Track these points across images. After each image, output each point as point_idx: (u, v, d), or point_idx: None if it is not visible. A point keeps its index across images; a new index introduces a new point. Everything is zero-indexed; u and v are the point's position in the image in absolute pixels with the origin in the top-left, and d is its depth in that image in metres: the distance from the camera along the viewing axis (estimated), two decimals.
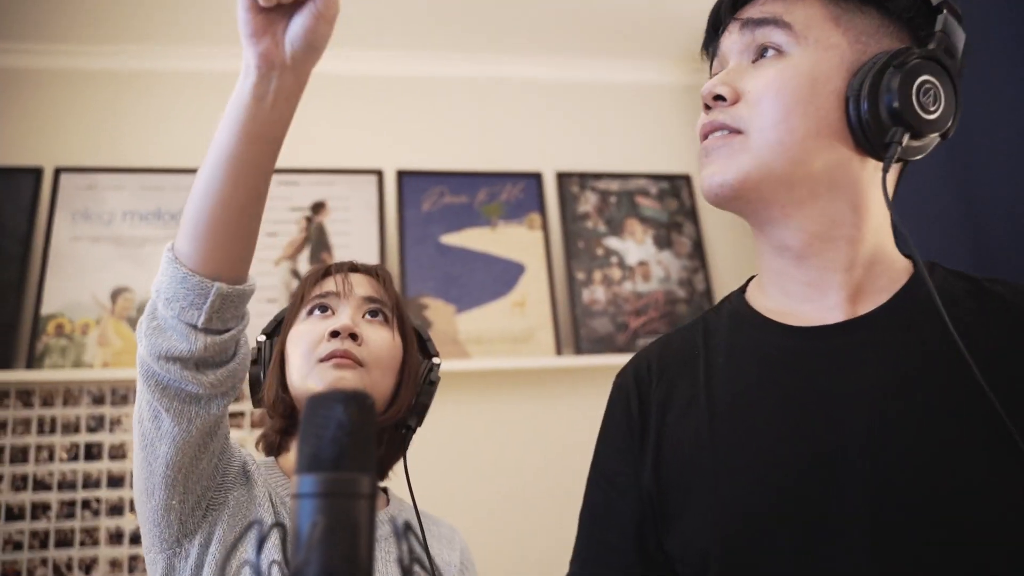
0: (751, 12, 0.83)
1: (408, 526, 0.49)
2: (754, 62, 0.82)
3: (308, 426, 0.46)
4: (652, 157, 2.93)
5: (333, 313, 1.09)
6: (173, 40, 2.72)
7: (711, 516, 0.78)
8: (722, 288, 2.79)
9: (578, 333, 2.61)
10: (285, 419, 1.10)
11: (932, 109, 0.76)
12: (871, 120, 0.76)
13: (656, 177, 2.88)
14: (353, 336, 1.04)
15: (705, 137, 0.84)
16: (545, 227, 2.74)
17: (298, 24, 0.77)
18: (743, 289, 0.91)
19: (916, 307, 0.78)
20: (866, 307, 0.80)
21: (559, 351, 2.58)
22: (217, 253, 0.85)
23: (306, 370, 1.04)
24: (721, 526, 0.77)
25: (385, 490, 1.17)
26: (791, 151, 0.78)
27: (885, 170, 0.75)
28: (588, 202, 2.79)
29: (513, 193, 2.76)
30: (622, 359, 2.55)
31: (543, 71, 2.96)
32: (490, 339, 2.57)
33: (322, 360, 1.03)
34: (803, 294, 0.82)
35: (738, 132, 0.80)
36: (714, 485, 0.78)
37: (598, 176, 2.84)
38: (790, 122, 0.77)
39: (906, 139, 0.75)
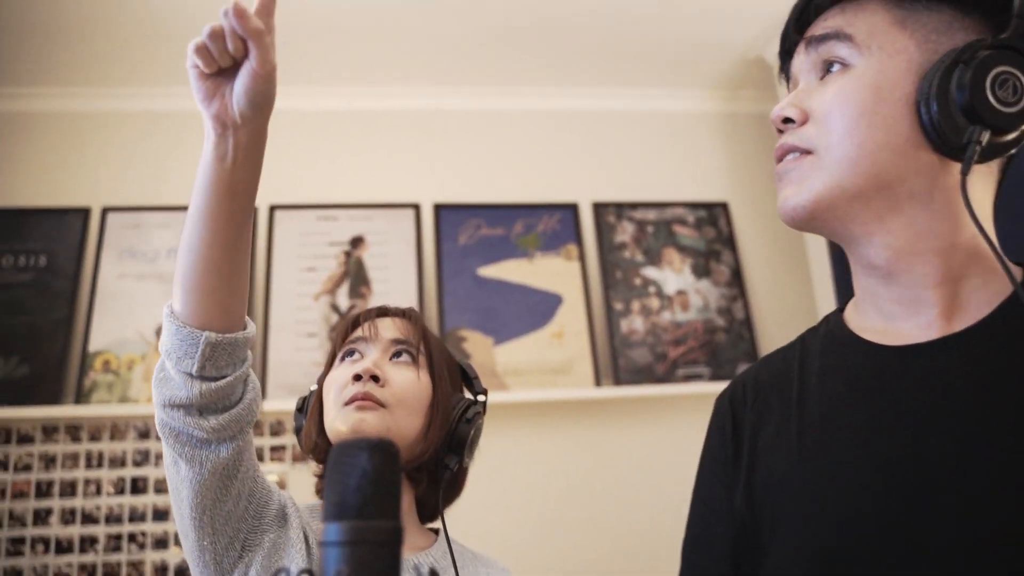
0: (814, 30, 0.81)
1: (434, 573, 0.49)
2: (821, 79, 0.80)
3: (333, 474, 0.47)
4: (689, 185, 2.92)
5: (362, 357, 1.10)
6: None
7: (799, 541, 0.76)
8: (762, 316, 2.76)
9: (617, 364, 2.60)
10: (323, 463, 1.12)
11: (1012, 101, 0.70)
12: (943, 121, 0.71)
13: (693, 205, 2.87)
14: (375, 378, 1.05)
15: (779, 161, 0.82)
16: (582, 258, 2.74)
17: (239, 84, 0.82)
18: (842, 308, 0.87)
19: (1018, 321, 0.73)
20: (963, 323, 0.75)
21: (598, 382, 2.57)
22: (203, 305, 0.89)
23: (334, 414, 1.06)
24: (809, 551, 0.75)
25: (436, 531, 1.16)
26: (861, 165, 0.75)
27: (964, 173, 0.71)
28: (625, 232, 2.79)
29: (550, 224, 2.77)
30: (662, 389, 2.56)
31: (577, 102, 2.98)
32: (528, 371, 2.57)
33: (346, 403, 1.04)
34: (896, 312, 0.78)
35: (808, 152, 0.78)
36: (802, 510, 0.76)
37: (635, 206, 2.84)
38: (856, 135, 0.75)
39: (986, 137, 0.70)
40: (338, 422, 1.05)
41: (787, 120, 0.80)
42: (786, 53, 0.87)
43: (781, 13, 2.71)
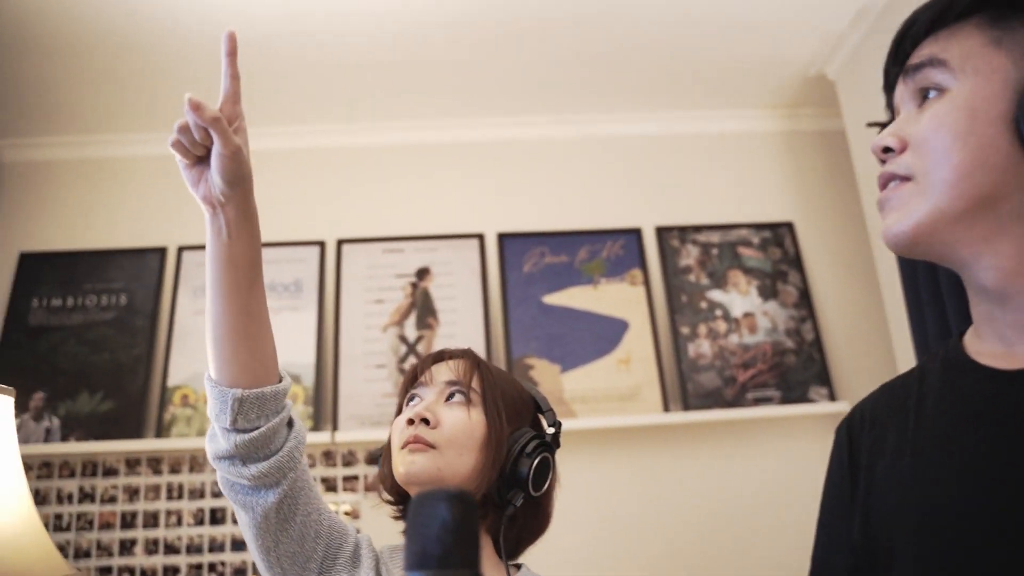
0: (912, 59, 0.81)
1: None
2: (920, 107, 0.80)
3: (413, 524, 0.49)
4: (752, 206, 2.90)
5: (421, 402, 1.14)
6: (276, 120, 2.87)
7: (905, 571, 0.76)
8: (832, 336, 2.71)
9: (685, 388, 2.58)
10: (396, 505, 1.17)
11: None
12: None
13: (758, 226, 2.84)
14: (426, 421, 1.08)
15: (882, 189, 0.82)
16: (647, 282, 2.73)
17: (212, 168, 0.91)
18: (963, 332, 0.86)
19: None
20: None
21: (666, 407, 2.55)
22: (228, 366, 0.97)
23: (395, 458, 1.10)
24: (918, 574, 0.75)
25: (518, 566, 1.17)
26: (959, 187, 0.74)
27: None
28: (689, 255, 2.77)
29: (613, 250, 2.77)
30: (731, 414, 2.53)
31: (638, 127, 2.98)
32: (595, 397, 2.56)
33: (402, 447, 1.08)
34: (1013, 336, 0.77)
35: (907, 179, 0.79)
36: (917, 544, 0.76)
37: (698, 228, 2.82)
38: (953, 158, 0.74)
39: None
40: (397, 465, 1.09)
41: (887, 149, 0.81)
42: (889, 87, 0.87)
43: (840, 29, 2.73)
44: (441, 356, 1.19)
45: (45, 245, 2.82)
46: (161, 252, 2.79)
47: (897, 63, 0.84)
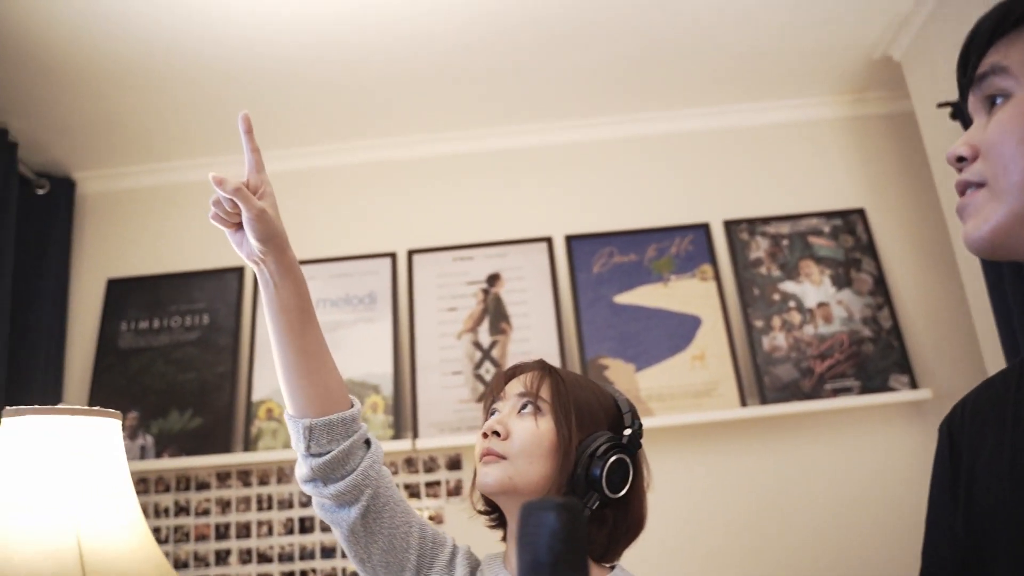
0: (978, 70, 0.82)
1: None
2: (989, 114, 0.81)
3: (523, 534, 0.51)
4: (821, 195, 2.86)
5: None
6: (344, 136, 2.93)
7: (1006, 564, 0.77)
8: (911, 323, 2.66)
9: (762, 382, 2.56)
10: (488, 514, 1.24)
11: None
12: None
13: (828, 215, 2.80)
14: (497, 433, 1.14)
15: (961, 196, 0.84)
16: (718, 277, 2.71)
17: (245, 230, 1.03)
18: None
19: None
20: None
21: (743, 402, 2.53)
22: (295, 398, 1.10)
23: (477, 470, 1.17)
24: (1018, 569, 0.76)
25: (612, 567, 1.19)
26: None
27: None
28: (759, 248, 2.75)
29: (682, 246, 2.76)
30: (810, 406, 2.50)
31: (701, 122, 2.97)
32: (672, 395, 2.56)
33: (479, 460, 1.15)
34: None
35: (982, 185, 0.80)
36: (1015, 540, 0.77)
37: (767, 220, 2.80)
38: (1020, 163, 0.76)
39: None
40: (476, 477, 1.17)
41: (960, 159, 0.82)
42: (963, 97, 0.88)
43: (905, 9, 2.67)
44: (515, 371, 1.23)
45: (130, 270, 2.93)
46: (239, 272, 2.88)
47: (966, 75, 0.85)
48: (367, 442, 1.16)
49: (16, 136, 2.68)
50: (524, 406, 1.16)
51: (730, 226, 2.79)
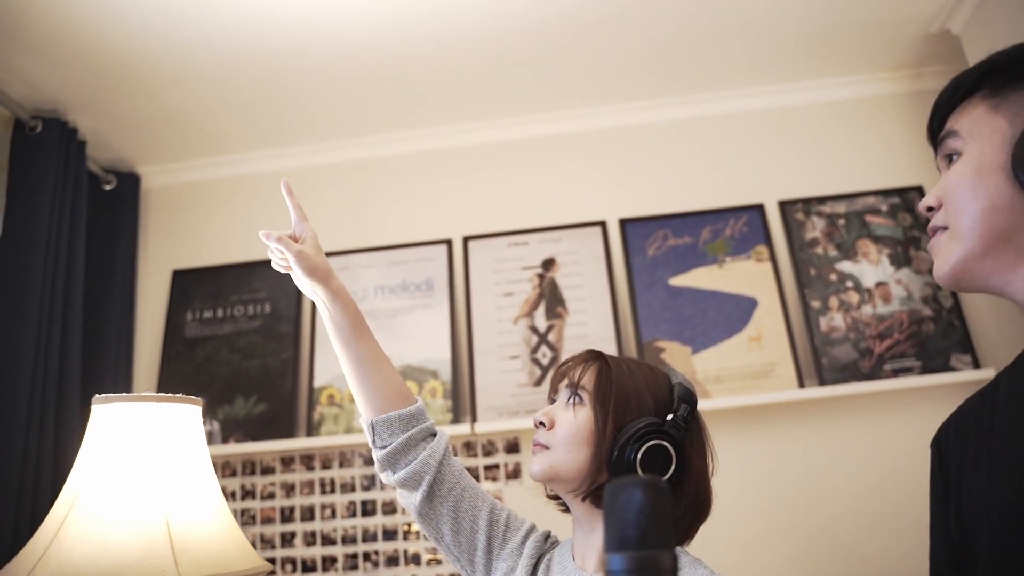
0: (939, 135, 1.00)
1: None
2: (948, 170, 0.97)
3: (611, 510, 0.53)
4: (878, 172, 2.82)
5: None
6: (398, 126, 2.97)
7: (987, 557, 0.88)
8: (972, 301, 2.62)
9: (820, 363, 2.55)
10: (556, 498, 1.30)
11: None
12: None
13: (885, 193, 2.76)
14: (543, 424, 1.22)
15: (931, 238, 0.99)
16: (773, 258, 2.70)
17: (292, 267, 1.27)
18: None
19: None
20: None
21: (801, 383, 2.52)
22: (359, 399, 1.31)
23: None
24: (993, 566, 0.87)
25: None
26: (979, 228, 0.90)
27: None
28: (815, 228, 2.72)
29: (737, 228, 2.75)
30: (869, 387, 2.48)
31: (754, 102, 2.95)
32: (729, 377, 2.56)
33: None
34: None
35: (945, 228, 0.95)
36: (992, 532, 0.88)
37: (822, 200, 2.77)
38: (971, 207, 0.91)
39: None
40: None
41: (930, 208, 0.99)
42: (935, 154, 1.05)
43: None
44: (567, 364, 1.28)
45: (194, 262, 3.02)
46: None
47: (932, 137, 1.03)
48: (434, 435, 1.32)
49: (84, 134, 2.76)
50: (569, 397, 1.21)
51: (785, 206, 2.77)
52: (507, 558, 1.28)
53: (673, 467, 1.13)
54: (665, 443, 1.13)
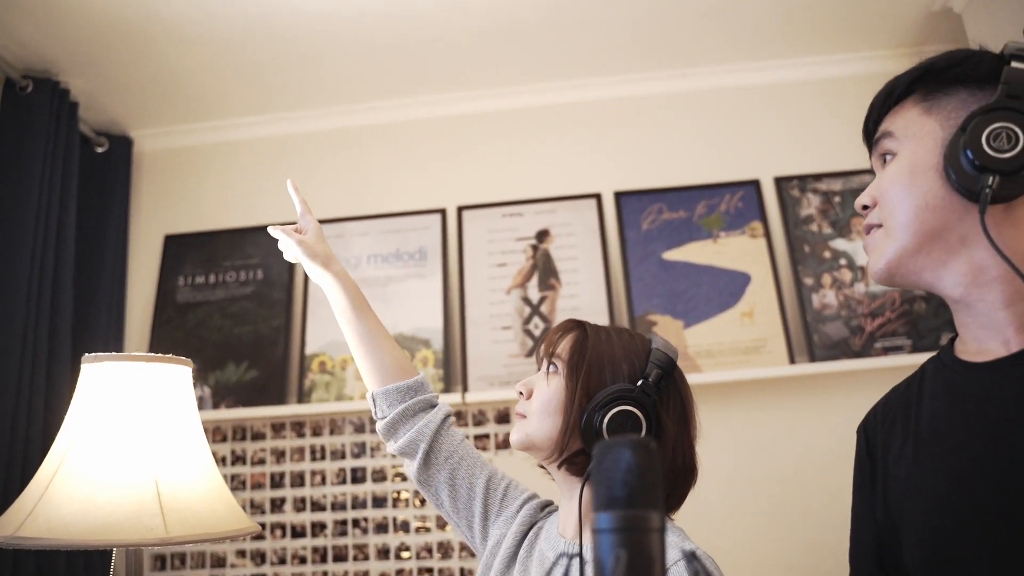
0: (875, 135, 1.04)
1: (694, 555, 0.55)
2: (883, 169, 1.01)
3: (599, 470, 0.53)
4: None
5: None
6: (394, 93, 2.95)
7: (917, 532, 0.94)
8: None
9: (811, 340, 2.55)
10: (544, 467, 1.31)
11: (1007, 148, 0.87)
12: (961, 177, 0.89)
13: None
14: (523, 394, 1.24)
15: (867, 235, 1.03)
16: (768, 234, 2.70)
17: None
18: (954, 338, 1.03)
19: None
20: None
21: (792, 359, 2.53)
22: (363, 372, 1.40)
23: None
24: (925, 538, 0.92)
25: None
26: (912, 226, 0.94)
27: (981, 212, 0.87)
28: (810, 205, 2.72)
29: (732, 203, 2.75)
30: (859, 364, 2.49)
31: (752, 77, 2.93)
32: (720, 351, 2.57)
33: None
34: (982, 335, 0.94)
35: (880, 226, 0.99)
36: (919, 506, 0.94)
37: (818, 177, 2.76)
38: (904, 205, 0.94)
39: (995, 180, 0.87)
40: None
41: (865, 207, 1.02)
42: (870, 155, 1.09)
43: None
44: (546, 334, 1.28)
45: (186, 227, 3.00)
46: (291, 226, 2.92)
47: (868, 137, 1.07)
48: (434, 407, 1.37)
49: (76, 95, 2.74)
50: (547, 367, 1.22)
51: (781, 183, 2.77)
52: (502, 525, 1.31)
53: (644, 433, 1.12)
54: (633, 408, 1.12)
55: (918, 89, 0.99)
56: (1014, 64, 0.90)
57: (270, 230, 1.43)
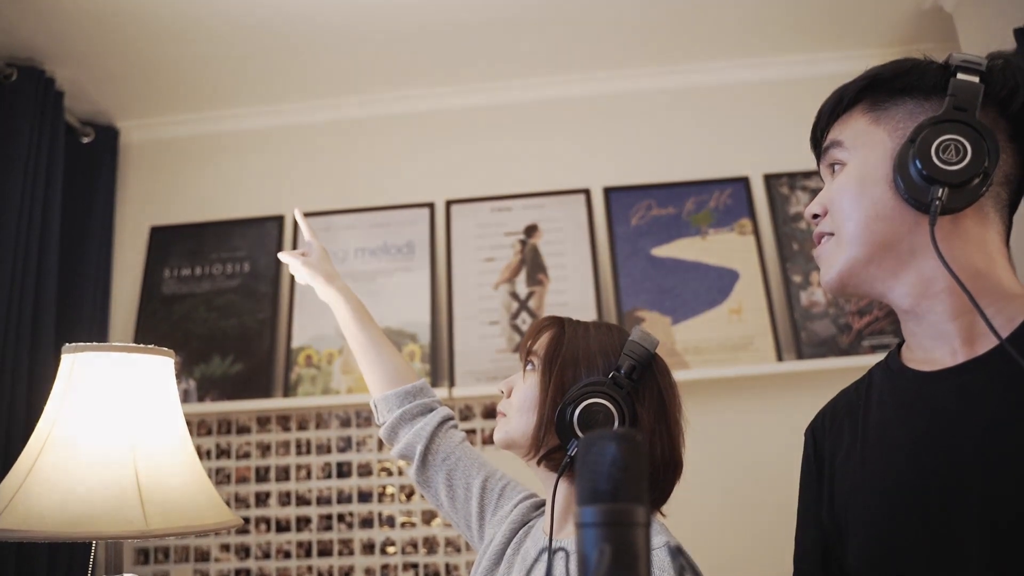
0: (824, 144, 1.03)
1: (680, 549, 0.54)
2: (832, 178, 1.01)
3: (583, 463, 0.52)
4: None
5: None
6: (383, 86, 2.93)
7: (862, 535, 0.94)
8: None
9: (799, 337, 2.55)
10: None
11: (956, 160, 0.87)
12: (911, 189, 0.89)
13: None
14: (504, 392, 1.26)
15: (816, 246, 1.02)
16: (756, 232, 2.70)
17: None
18: (900, 344, 1.03)
19: None
20: (984, 347, 0.90)
21: (780, 357, 2.53)
22: (367, 379, 1.46)
23: None
24: (863, 548, 0.94)
25: None
26: (862, 236, 0.93)
27: (931, 224, 0.87)
28: (799, 202, 2.72)
29: (721, 200, 2.74)
30: (847, 362, 2.49)
31: (742, 74, 2.92)
32: (708, 348, 2.57)
33: None
34: (930, 345, 0.94)
35: (831, 235, 0.98)
36: (864, 509, 0.95)
37: (808, 174, 2.76)
38: (855, 215, 0.94)
39: (945, 192, 0.86)
40: None
41: (815, 216, 1.02)
42: (818, 164, 1.08)
43: None
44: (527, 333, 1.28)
45: (173, 218, 2.98)
46: (279, 220, 2.91)
47: (816, 146, 1.06)
48: (433, 410, 1.41)
49: (62, 84, 2.71)
50: (525, 365, 1.22)
51: (770, 180, 2.77)
52: (496, 525, 1.31)
53: (615, 425, 1.10)
54: (603, 401, 1.11)
55: (866, 98, 0.98)
56: (960, 76, 0.91)
57: (280, 255, 1.58)
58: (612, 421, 1.10)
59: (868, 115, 0.97)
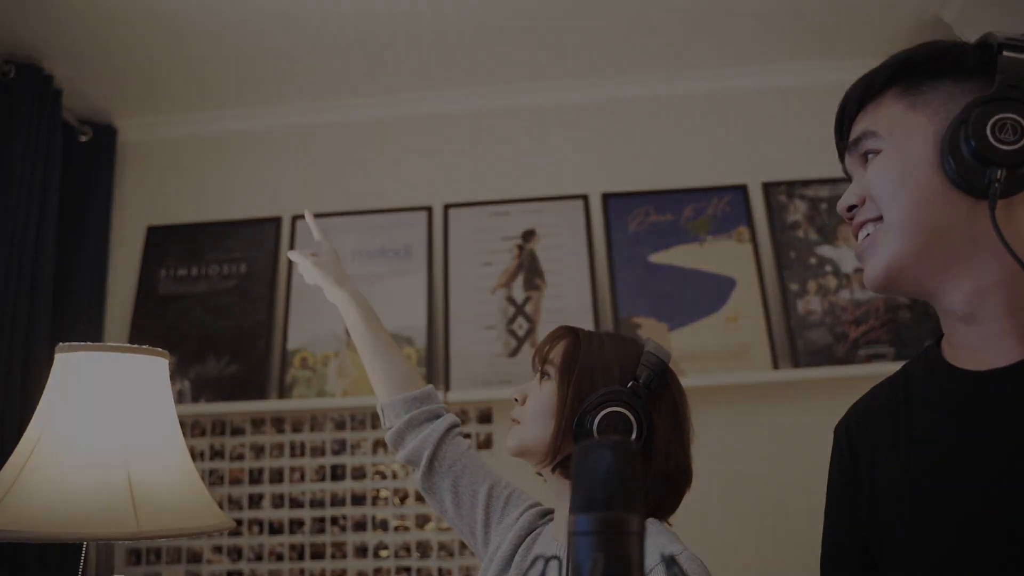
0: (851, 135, 0.98)
1: (673, 559, 0.54)
2: (866, 167, 0.95)
3: (579, 471, 0.52)
4: None
5: None
6: (382, 90, 2.93)
7: (907, 547, 0.89)
8: None
9: (795, 346, 2.55)
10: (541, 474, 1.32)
11: (1013, 140, 0.82)
12: (964, 171, 0.84)
13: None
14: (517, 400, 1.26)
15: (857, 240, 0.97)
16: (754, 239, 2.69)
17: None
18: (939, 340, 0.98)
19: None
20: None
21: (776, 365, 2.53)
22: (373, 384, 1.46)
23: None
24: (914, 556, 0.88)
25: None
26: (913, 220, 0.88)
27: (992, 208, 0.82)
28: (798, 211, 2.72)
29: (719, 207, 2.74)
30: (843, 371, 2.49)
31: (742, 82, 2.93)
32: (704, 356, 2.56)
33: None
34: (981, 344, 0.88)
35: (878, 219, 0.92)
36: (909, 517, 0.90)
37: (806, 183, 2.76)
38: (901, 197, 0.88)
39: (1002, 174, 0.82)
40: None
41: (851, 208, 0.96)
42: (840, 156, 1.04)
43: None
44: (542, 341, 1.29)
45: (170, 218, 2.97)
46: (276, 222, 2.90)
47: (842, 137, 1.01)
48: (439, 417, 1.41)
49: (60, 82, 2.70)
50: (541, 373, 1.24)
51: (768, 188, 2.77)
52: (501, 532, 1.32)
53: (635, 433, 1.12)
54: (622, 409, 1.12)
55: (897, 83, 0.93)
56: (1006, 54, 0.86)
57: (289, 254, 1.56)
58: (631, 430, 1.12)
59: (903, 100, 0.92)
